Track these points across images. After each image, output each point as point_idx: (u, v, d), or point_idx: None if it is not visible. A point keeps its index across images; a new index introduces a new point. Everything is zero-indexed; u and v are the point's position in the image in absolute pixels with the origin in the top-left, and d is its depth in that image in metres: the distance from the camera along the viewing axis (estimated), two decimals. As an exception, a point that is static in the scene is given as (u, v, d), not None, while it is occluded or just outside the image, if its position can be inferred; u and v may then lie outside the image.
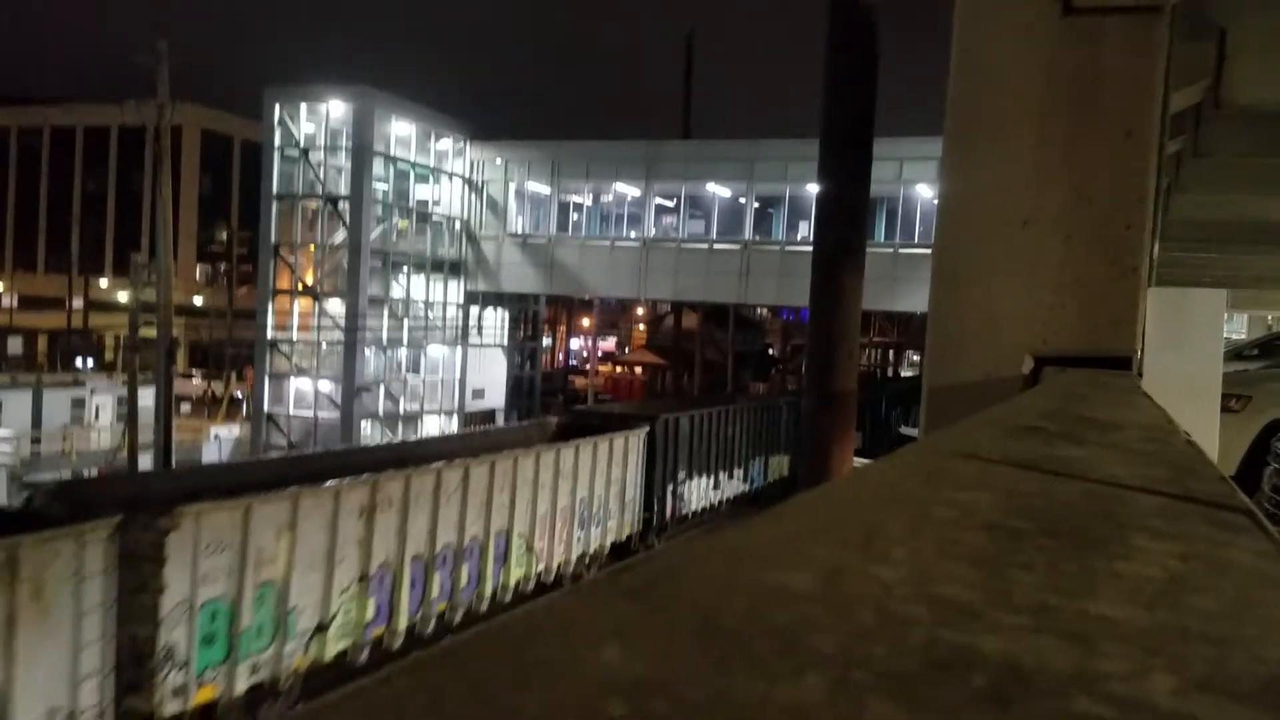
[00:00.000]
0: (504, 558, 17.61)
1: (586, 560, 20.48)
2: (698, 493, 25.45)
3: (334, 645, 14.03)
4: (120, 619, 10.94)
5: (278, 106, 33.77)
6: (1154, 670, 0.54)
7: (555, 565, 19.25)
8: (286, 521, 12.85)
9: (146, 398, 26.64)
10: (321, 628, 13.74)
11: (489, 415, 39.30)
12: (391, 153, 34.80)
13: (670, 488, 23.44)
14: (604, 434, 20.89)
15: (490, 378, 39.89)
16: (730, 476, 27.71)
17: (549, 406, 46.35)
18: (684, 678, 0.45)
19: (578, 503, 19.78)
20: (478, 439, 21.06)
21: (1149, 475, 1.25)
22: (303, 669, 13.40)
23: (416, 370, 36.72)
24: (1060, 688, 0.50)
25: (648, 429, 22.45)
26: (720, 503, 27.00)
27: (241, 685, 12.40)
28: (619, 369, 63.33)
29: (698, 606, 0.54)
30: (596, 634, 0.47)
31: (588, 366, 52.68)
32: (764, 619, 0.53)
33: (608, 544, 21.25)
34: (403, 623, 15.18)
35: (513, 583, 17.96)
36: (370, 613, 14.49)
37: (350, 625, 14.25)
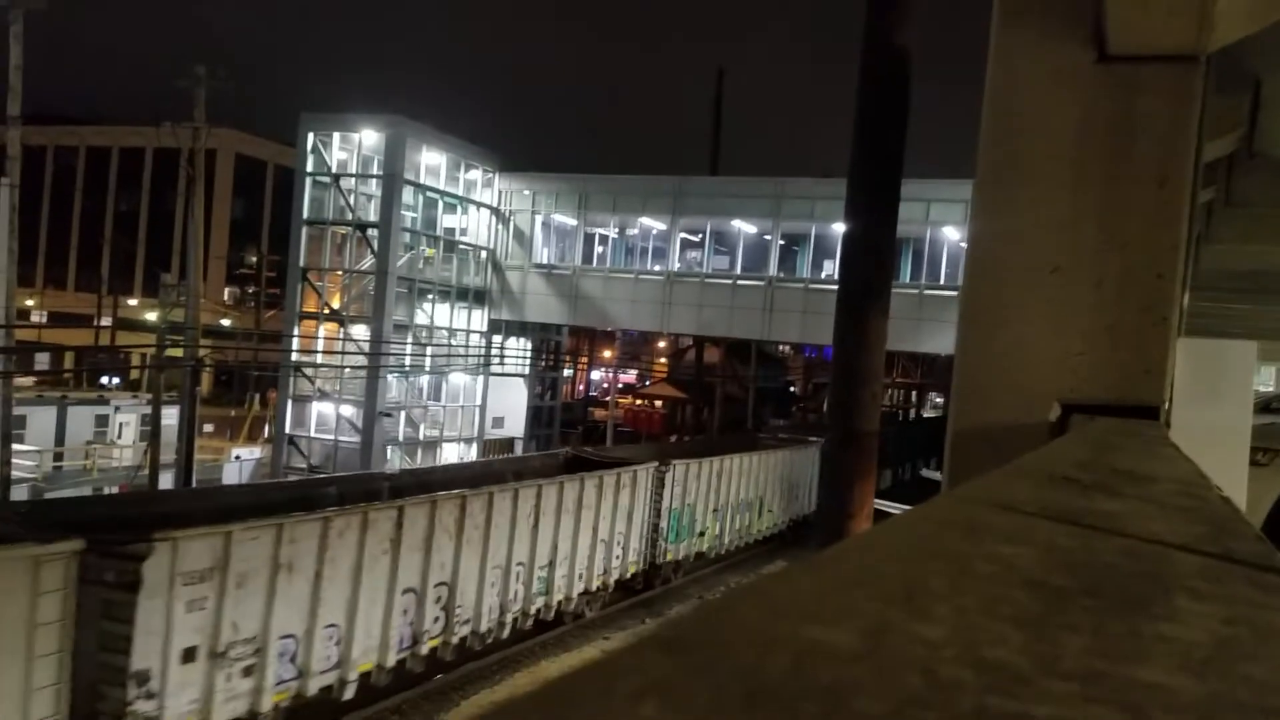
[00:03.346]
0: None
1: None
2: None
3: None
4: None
5: (312, 134, 34.18)
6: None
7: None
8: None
9: (170, 417, 26.82)
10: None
11: (508, 444, 39.32)
12: (421, 181, 35.11)
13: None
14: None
15: (510, 406, 39.95)
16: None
17: (568, 437, 46.41)
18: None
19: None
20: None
21: (1188, 532, 1.23)
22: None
23: (438, 397, 36.83)
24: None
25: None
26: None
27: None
28: (639, 401, 63.26)
29: (738, 663, 0.53)
30: (635, 690, 0.46)
31: (608, 398, 52.63)
32: (807, 678, 0.51)
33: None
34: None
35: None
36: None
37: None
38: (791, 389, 68.98)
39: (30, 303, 67.24)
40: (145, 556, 11.21)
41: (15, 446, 25.84)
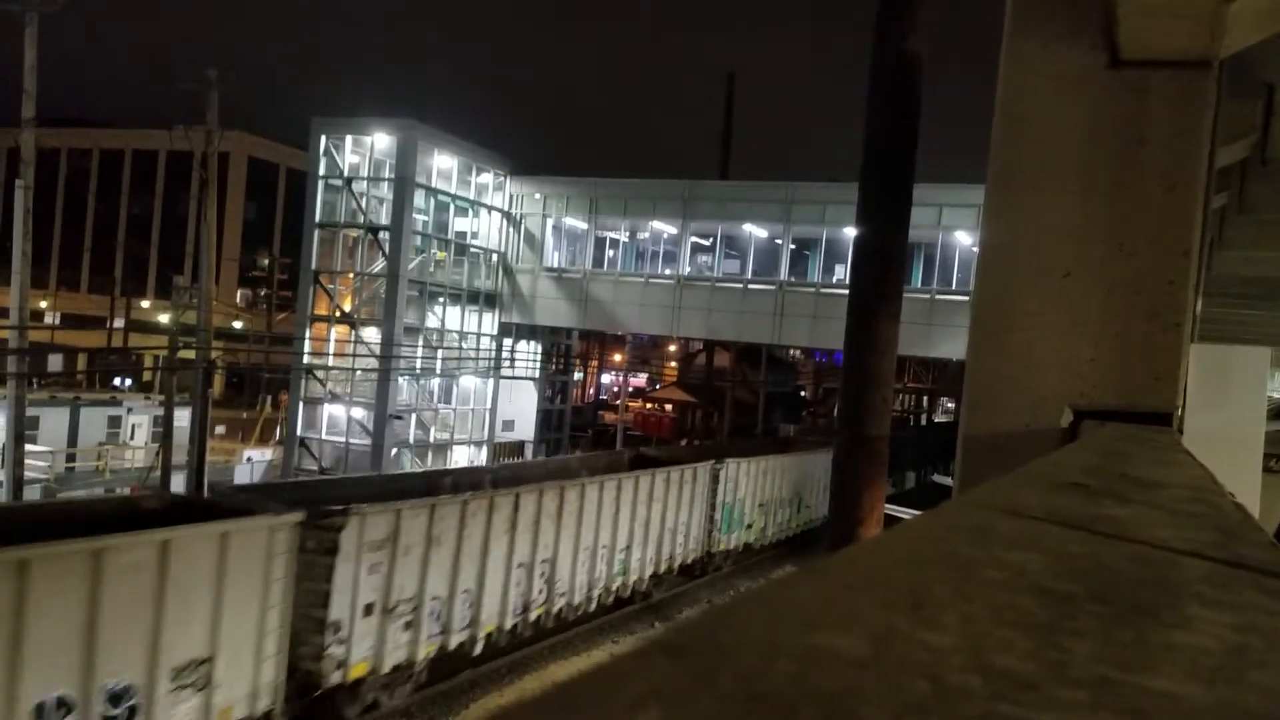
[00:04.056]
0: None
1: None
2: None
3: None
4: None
5: (324, 137, 34.30)
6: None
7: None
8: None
9: (182, 419, 26.91)
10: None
11: (518, 447, 39.36)
12: (433, 185, 35.19)
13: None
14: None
15: (520, 409, 39.99)
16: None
17: (578, 441, 46.41)
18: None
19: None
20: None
21: (1197, 539, 1.22)
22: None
23: (448, 400, 36.88)
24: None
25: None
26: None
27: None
28: (649, 405, 63.22)
29: (742, 668, 0.53)
30: (638, 695, 0.46)
31: (618, 402, 52.63)
32: (811, 685, 0.51)
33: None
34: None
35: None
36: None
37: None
38: (802, 394, 68.83)
39: (44, 304, 67.57)
40: (342, 528, 13.78)
41: (29, 447, 25.94)
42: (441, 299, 35.89)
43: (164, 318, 38.28)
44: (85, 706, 10.44)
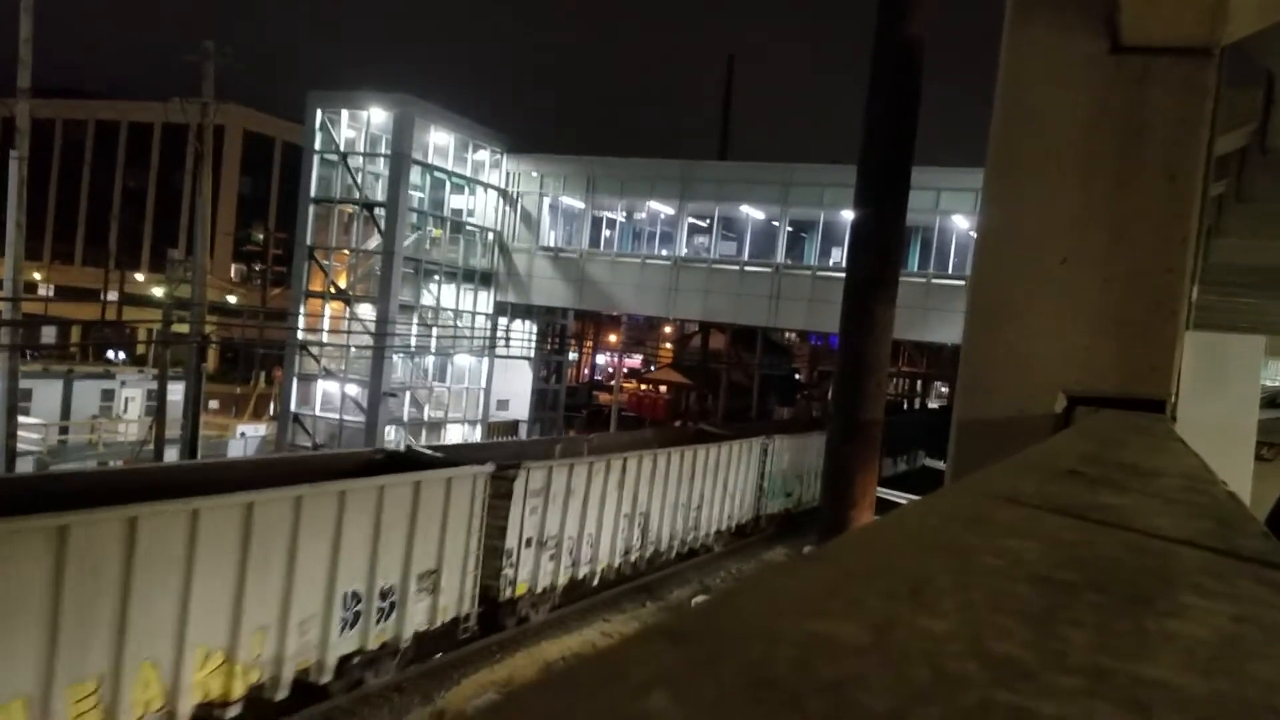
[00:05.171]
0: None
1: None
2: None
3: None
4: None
5: (320, 111, 34.12)
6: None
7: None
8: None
9: (176, 392, 26.88)
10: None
11: (512, 426, 39.38)
12: (429, 161, 35.07)
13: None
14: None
15: (515, 389, 39.99)
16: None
17: (572, 421, 46.40)
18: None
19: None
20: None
21: (1193, 528, 1.23)
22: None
23: (443, 378, 36.87)
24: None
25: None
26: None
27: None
28: (644, 386, 63.28)
29: (745, 655, 0.53)
30: (642, 682, 0.46)
31: (613, 382, 52.67)
32: (813, 672, 0.51)
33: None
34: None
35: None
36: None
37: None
38: (796, 377, 68.92)
39: (38, 276, 67.33)
40: (514, 478, 18.04)
41: (21, 419, 25.92)
42: (437, 277, 35.83)
43: (158, 291, 38.16)
44: (368, 599, 14.79)
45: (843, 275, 9.12)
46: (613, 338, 66.11)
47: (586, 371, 67.27)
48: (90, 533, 10.58)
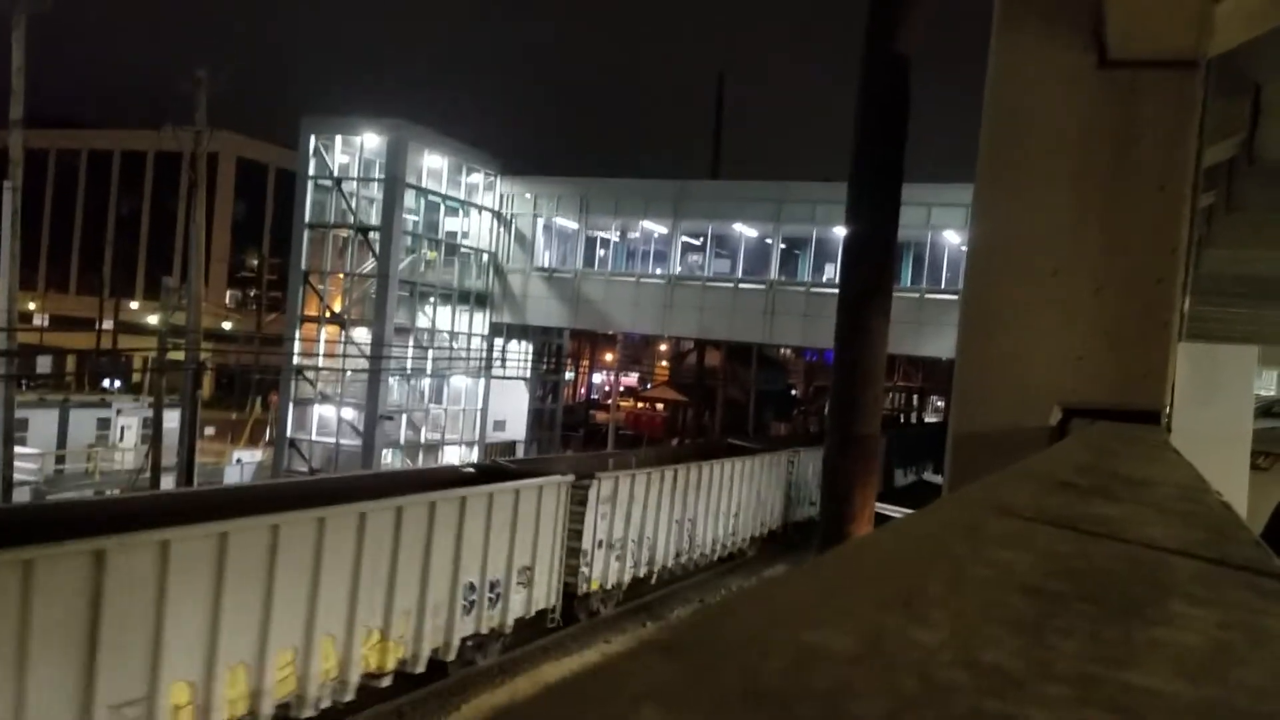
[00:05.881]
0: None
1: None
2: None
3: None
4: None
5: (313, 137, 34.18)
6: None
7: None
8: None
9: (172, 420, 26.83)
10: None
11: (509, 447, 39.30)
12: (423, 185, 35.13)
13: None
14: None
15: (512, 409, 39.93)
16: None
17: (569, 440, 46.33)
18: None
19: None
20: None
21: (1185, 537, 1.23)
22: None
23: (439, 400, 36.82)
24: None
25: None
26: None
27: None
28: (640, 404, 63.25)
29: (737, 666, 0.54)
30: (636, 694, 0.46)
31: (609, 401, 52.65)
32: (805, 682, 0.52)
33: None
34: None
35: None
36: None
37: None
38: (792, 392, 68.94)
39: (32, 305, 67.25)
40: (589, 487, 20.31)
41: (17, 449, 25.83)
42: (432, 299, 35.83)
43: (153, 319, 38.14)
44: (480, 589, 17.14)
45: (836, 291, 9.13)
46: (609, 356, 66.11)
47: (583, 390, 67.21)
48: (293, 531, 13.27)
